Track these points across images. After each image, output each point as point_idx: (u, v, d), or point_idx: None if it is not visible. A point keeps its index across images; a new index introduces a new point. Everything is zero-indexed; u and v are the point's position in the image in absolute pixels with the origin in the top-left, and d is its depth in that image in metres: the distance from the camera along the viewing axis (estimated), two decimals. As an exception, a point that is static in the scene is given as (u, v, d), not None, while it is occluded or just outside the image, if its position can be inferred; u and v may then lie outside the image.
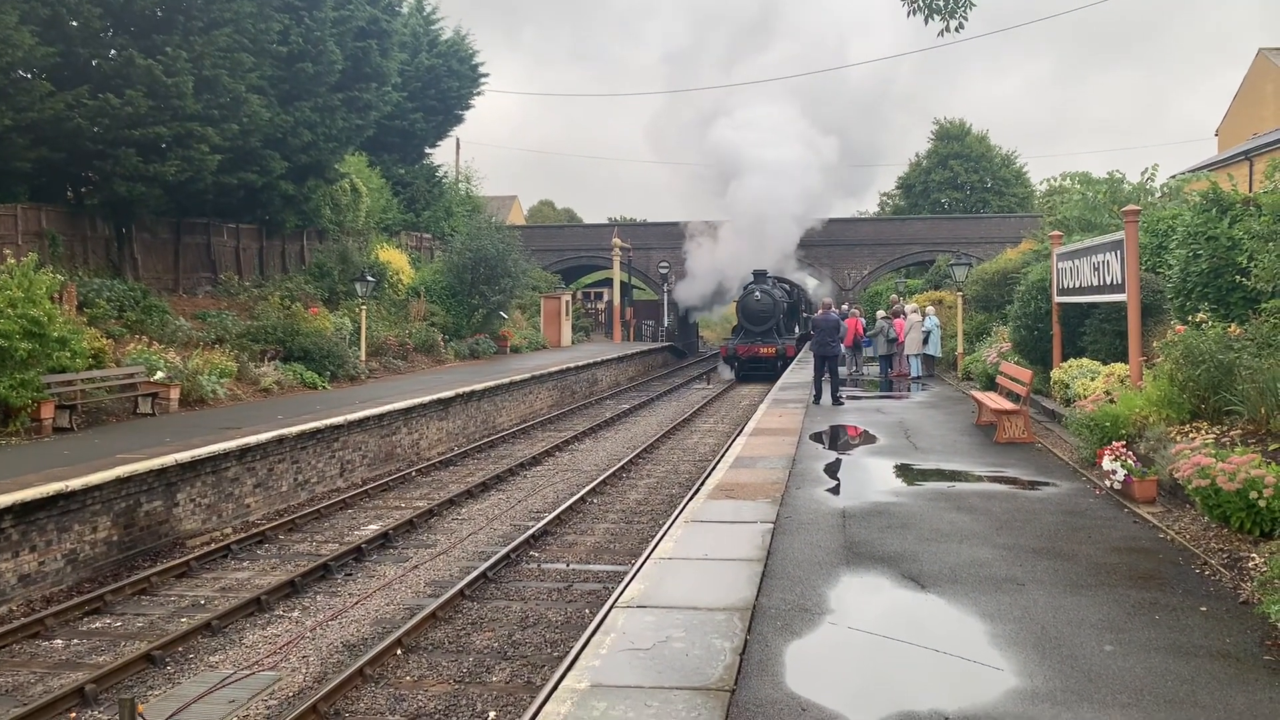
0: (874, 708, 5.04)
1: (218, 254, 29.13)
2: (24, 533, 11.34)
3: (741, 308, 37.95)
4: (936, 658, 5.81)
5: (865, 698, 5.23)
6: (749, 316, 37.32)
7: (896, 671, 5.61)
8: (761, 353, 36.32)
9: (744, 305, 37.76)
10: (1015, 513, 9.47)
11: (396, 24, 33.09)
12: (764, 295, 37.17)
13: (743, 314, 37.73)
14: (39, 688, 8.85)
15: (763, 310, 36.92)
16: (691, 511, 9.56)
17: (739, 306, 38.16)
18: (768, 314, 36.91)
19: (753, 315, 37.22)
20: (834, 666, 5.74)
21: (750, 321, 37.33)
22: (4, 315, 15.11)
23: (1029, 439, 13.80)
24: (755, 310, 37.10)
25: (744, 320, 37.62)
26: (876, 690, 5.34)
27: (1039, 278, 17.49)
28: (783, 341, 36.77)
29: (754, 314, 37.19)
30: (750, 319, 37.33)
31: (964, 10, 8.88)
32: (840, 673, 5.66)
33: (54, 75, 21.00)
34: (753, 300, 37.29)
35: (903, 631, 6.23)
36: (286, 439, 16.34)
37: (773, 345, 36.30)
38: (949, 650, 5.91)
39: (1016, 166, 64.00)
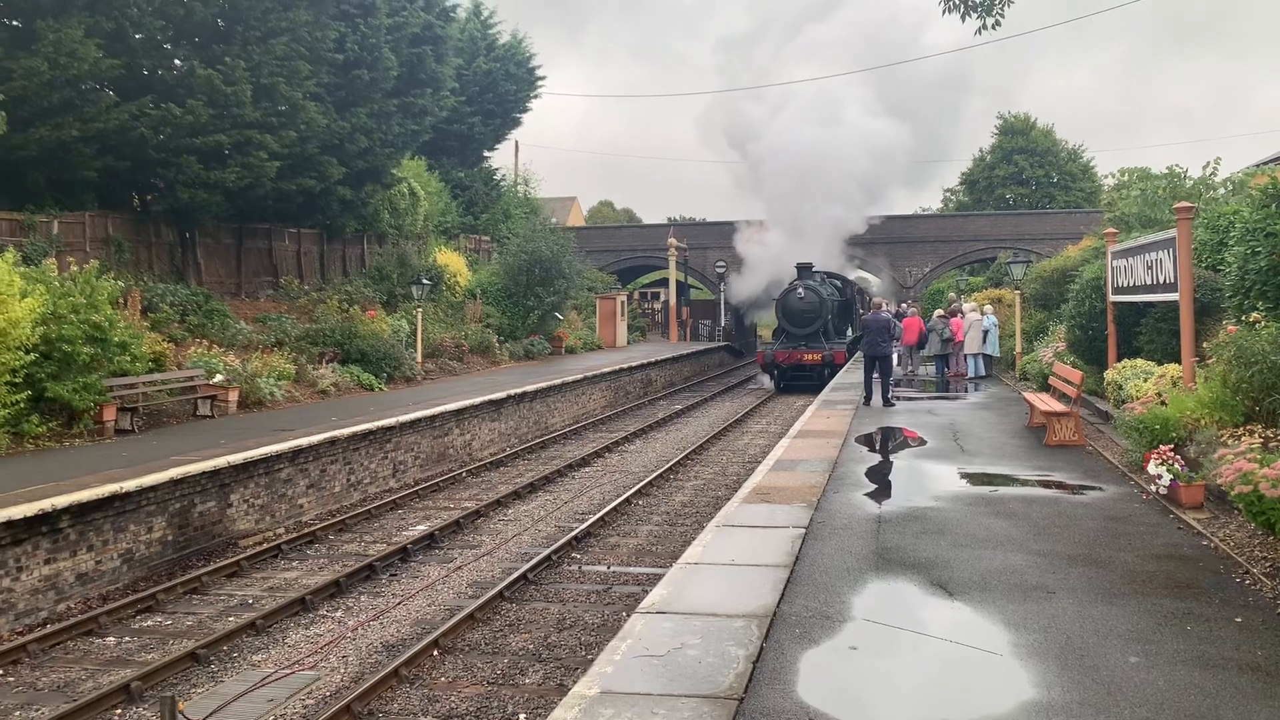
0: (883, 719, 4.99)
1: (279, 258, 29.74)
2: (81, 533, 11.70)
3: (781, 308, 33.47)
4: (953, 667, 5.73)
5: (875, 708, 5.18)
6: (790, 317, 32.96)
7: (911, 681, 5.54)
8: (805, 359, 32.05)
9: (784, 305, 33.30)
10: (1056, 518, 9.29)
11: (451, 30, 33.47)
12: (808, 293, 32.77)
13: (783, 314, 33.36)
14: (89, 684, 9.13)
15: (806, 310, 32.57)
16: (724, 516, 9.53)
17: (779, 306, 33.77)
18: (812, 314, 32.59)
19: (794, 316, 32.84)
20: (848, 676, 5.69)
21: (792, 323, 32.91)
22: (67, 321, 15.59)
23: (1080, 442, 13.52)
24: (797, 310, 32.77)
25: (785, 322, 33.27)
26: (888, 701, 5.28)
27: (1094, 276, 17.12)
28: (831, 346, 32.68)
29: (796, 314, 32.79)
30: (792, 320, 32.92)
31: (1001, 7, 8.72)
32: (853, 682, 5.60)
33: (119, 86, 21.65)
34: (794, 299, 32.97)
35: (922, 639, 6.16)
36: (339, 440, 16.62)
37: (818, 351, 32.12)
38: (968, 660, 5.83)
39: (1084, 161, 62.73)
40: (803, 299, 32.69)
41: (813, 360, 31.96)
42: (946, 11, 8.87)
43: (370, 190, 30.44)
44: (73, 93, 20.40)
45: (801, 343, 32.56)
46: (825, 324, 32.91)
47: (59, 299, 15.78)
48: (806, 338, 32.51)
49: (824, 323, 32.73)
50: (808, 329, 32.53)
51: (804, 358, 32.09)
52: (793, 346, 32.60)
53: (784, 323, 33.25)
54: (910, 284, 50.80)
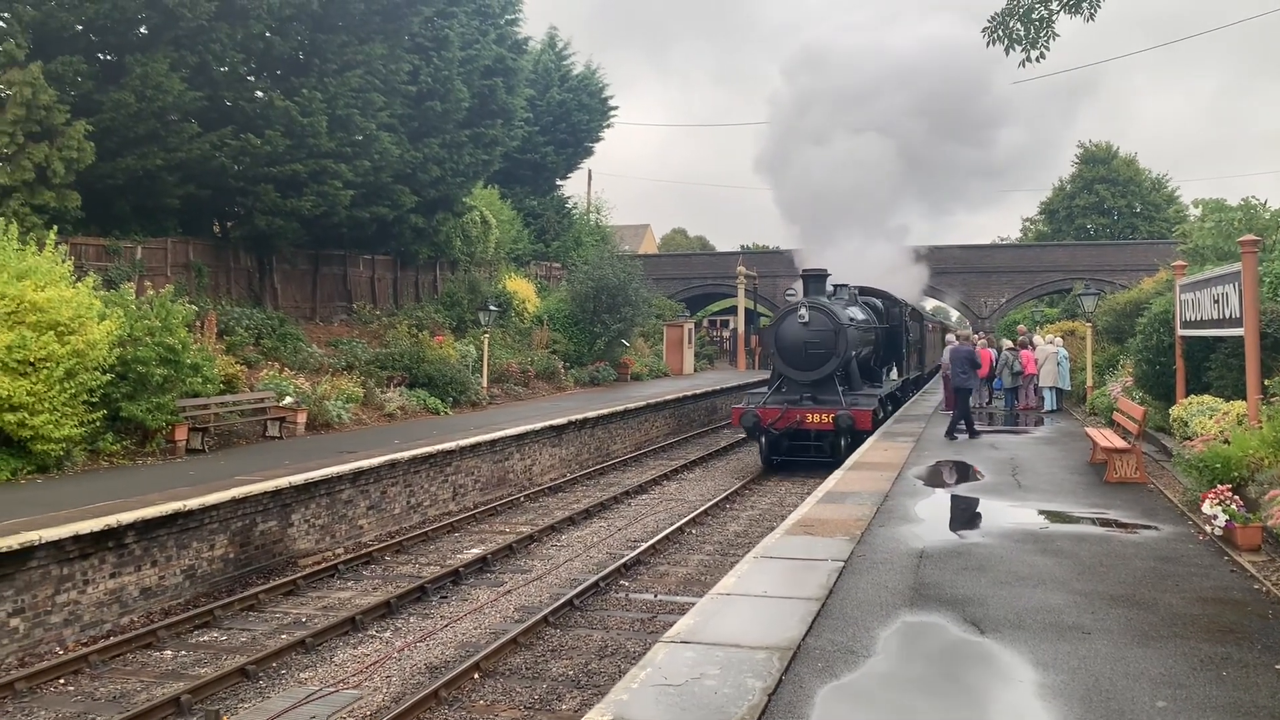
0: (892, 756, 4.95)
1: (353, 284, 30.48)
2: (145, 548, 12.10)
3: (775, 339, 22.21)
4: (972, 705, 5.65)
5: (887, 745, 5.14)
6: (787, 353, 21.93)
7: (925, 717, 5.49)
8: (808, 422, 20.96)
9: (779, 336, 22.09)
10: (1103, 557, 9.08)
11: (523, 62, 34.11)
12: (816, 316, 21.58)
13: (777, 350, 22.18)
14: (142, 695, 9.44)
15: (813, 343, 21.52)
16: (764, 548, 9.51)
17: (772, 338, 22.54)
18: (823, 350, 21.53)
19: (792, 352, 21.78)
20: (863, 710, 5.65)
21: (790, 362, 21.89)
22: (142, 343, 16.19)
23: (1141, 479, 13.18)
24: (796, 343, 21.67)
25: (780, 361, 22.24)
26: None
27: (1162, 309, 16.72)
28: (854, 400, 21.31)
29: (794, 350, 21.73)
30: (789, 358, 21.89)
31: (1045, 40, 8.67)
32: (867, 717, 5.56)
33: (201, 117, 22.47)
34: (793, 326, 21.75)
35: (945, 677, 6.09)
36: (400, 463, 16.94)
37: (830, 408, 20.95)
38: (988, 699, 5.75)
39: (1168, 190, 61.30)
40: (807, 324, 21.40)
41: (819, 424, 20.84)
42: (990, 44, 8.84)
43: (442, 218, 31.07)
44: (158, 124, 21.25)
45: (805, 394, 21.59)
46: (847, 363, 21.86)
47: (135, 322, 16.40)
48: (815, 386, 21.60)
49: (843, 361, 21.60)
50: (815, 372, 21.55)
51: (805, 419, 20.95)
52: (790, 400, 21.59)
53: (778, 362, 22.34)
54: (985, 315, 50.06)
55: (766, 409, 21.44)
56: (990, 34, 8.91)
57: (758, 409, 21.46)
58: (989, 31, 8.93)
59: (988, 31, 8.92)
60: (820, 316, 21.62)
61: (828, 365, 21.50)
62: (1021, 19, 8.77)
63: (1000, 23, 9.25)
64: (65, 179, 19.49)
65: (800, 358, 21.70)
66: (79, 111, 19.95)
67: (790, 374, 21.94)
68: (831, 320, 21.65)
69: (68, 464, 15.10)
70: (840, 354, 21.46)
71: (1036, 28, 8.84)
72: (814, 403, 21.43)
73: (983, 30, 8.94)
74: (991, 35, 8.91)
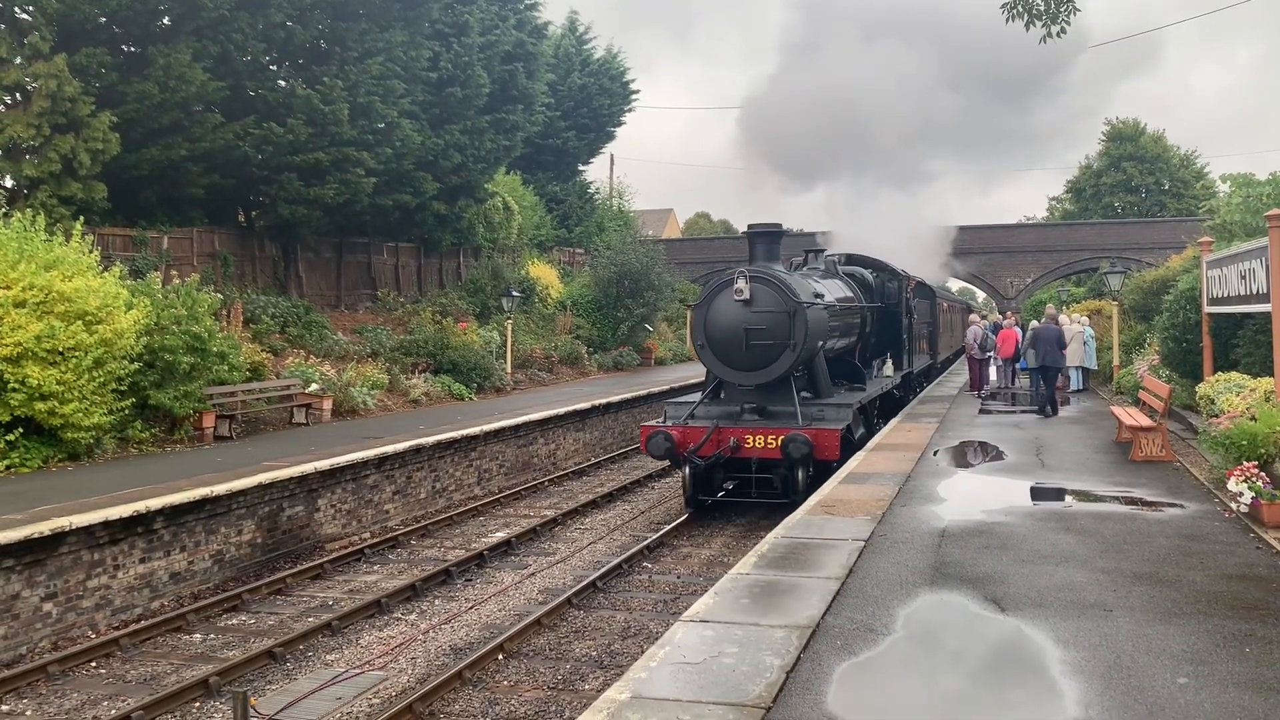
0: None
1: (377, 271, 30.63)
2: (174, 534, 12.27)
3: (704, 324, 15.61)
4: (992, 683, 5.65)
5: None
6: (718, 344, 15.50)
7: (944, 696, 5.49)
8: (748, 446, 14.71)
9: (708, 317, 15.54)
10: (1127, 535, 9.03)
11: (543, 47, 34.08)
12: (761, 290, 15.14)
13: (706, 338, 15.60)
14: (172, 678, 9.59)
15: (756, 328, 15.12)
16: (785, 528, 9.52)
17: (701, 320, 15.73)
18: (772, 338, 15.14)
19: (725, 342, 15.40)
20: (881, 689, 5.66)
21: (725, 357, 15.52)
22: (169, 332, 16.37)
23: (1168, 457, 13.08)
24: (729, 330, 15.28)
25: (710, 353, 15.66)
26: (916, 715, 5.24)
27: (1188, 287, 16.54)
28: (817, 412, 15.28)
29: (727, 338, 15.34)
30: (723, 351, 15.51)
31: (1066, 14, 8.57)
32: (886, 695, 5.57)
33: (224, 107, 22.63)
34: (728, 303, 15.28)
35: (964, 655, 6.08)
36: (424, 448, 17.06)
37: (779, 426, 14.84)
38: (1008, 676, 5.75)
39: (1197, 167, 60.52)
40: (748, 303, 14.98)
41: (762, 450, 14.60)
42: (1010, 19, 8.75)
43: (464, 205, 31.14)
44: (181, 114, 21.41)
45: (748, 404, 15.39)
46: (809, 358, 15.75)
47: (162, 311, 16.58)
48: (762, 393, 15.41)
49: (803, 356, 15.30)
50: (761, 373, 15.26)
51: (745, 440, 14.64)
52: (725, 415, 15.43)
53: (708, 358, 15.71)
54: (1011, 295, 49.68)
55: (688, 428, 14.93)
56: (1009, 9, 8.82)
57: (674, 428, 14.89)
58: (1008, 7, 8.84)
59: (1007, 7, 8.83)
60: (767, 292, 14.87)
61: (779, 362, 14.97)
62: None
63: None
64: (91, 170, 19.69)
65: (738, 352, 15.06)
66: (103, 103, 20.13)
67: (724, 375, 15.51)
68: (783, 296, 14.82)
69: (97, 452, 15.32)
70: (798, 345, 14.82)
71: (1057, 2, 8.74)
72: (759, 417, 15.11)
73: (1002, 6, 8.85)
74: (1011, 10, 8.82)
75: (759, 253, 16.04)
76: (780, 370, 15.17)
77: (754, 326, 15.00)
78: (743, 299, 14.94)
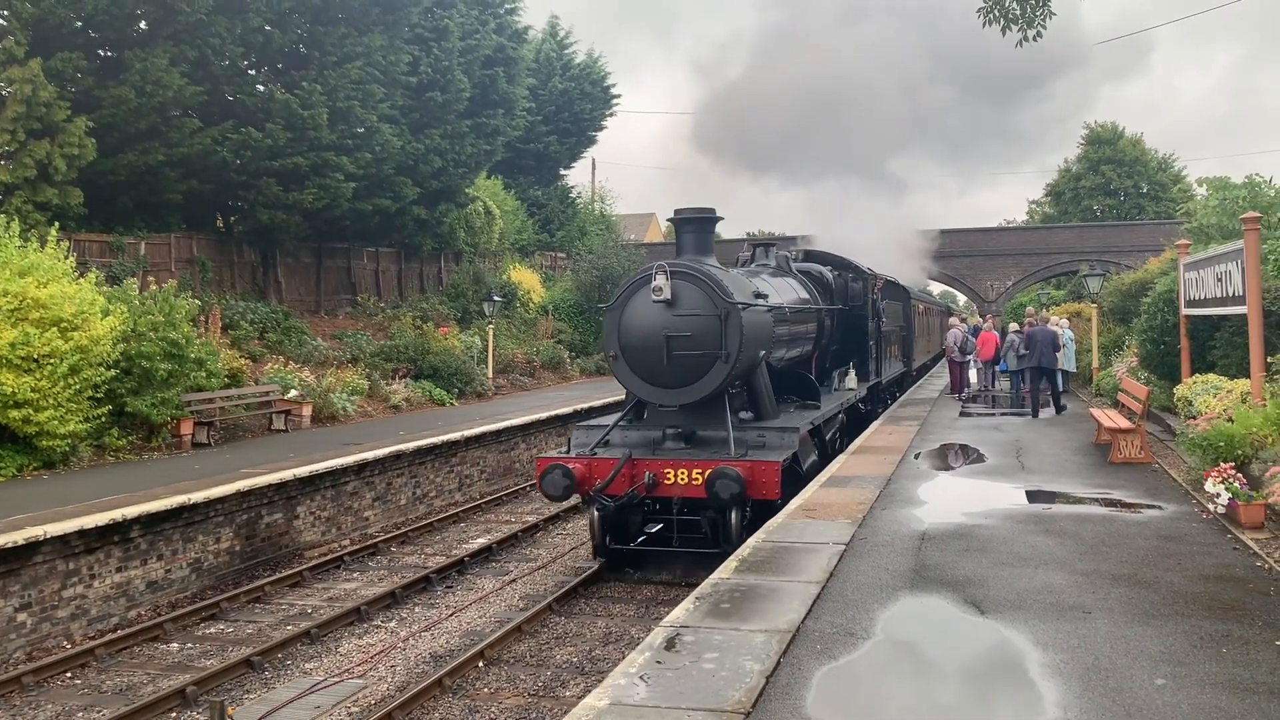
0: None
1: (357, 276, 30.51)
2: (151, 542, 12.16)
3: (617, 331, 12.56)
4: (970, 685, 5.65)
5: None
6: (634, 354, 12.47)
7: (923, 699, 5.48)
8: (666, 481, 11.68)
9: (621, 323, 12.51)
10: (1106, 537, 9.06)
11: (524, 52, 34.06)
12: (686, 288, 12.20)
13: (620, 347, 12.56)
14: (149, 688, 9.49)
15: (679, 335, 12.14)
16: (765, 532, 9.51)
17: (614, 326, 12.63)
18: (700, 347, 12.16)
19: (642, 351, 12.38)
20: (861, 692, 5.65)
21: (643, 371, 12.51)
22: (146, 338, 16.24)
23: (1146, 459, 13.15)
24: (646, 337, 12.29)
25: (624, 365, 12.63)
26: (897, 718, 5.24)
27: (1166, 289, 16.64)
28: (756, 439, 12.35)
29: (644, 347, 12.33)
30: (640, 363, 12.47)
31: (1042, 19, 8.61)
32: (865, 699, 5.56)
33: (201, 112, 22.50)
34: (645, 305, 12.29)
35: (944, 658, 6.08)
36: (404, 454, 16.98)
37: (709, 457, 11.86)
38: (986, 678, 5.75)
39: (1175, 170, 60.99)
40: (671, 305, 12.18)
41: (684, 488, 11.73)
42: (986, 24, 8.78)
43: (445, 210, 31.07)
44: (158, 119, 21.27)
45: (671, 429, 12.56)
46: (748, 371, 12.96)
47: (139, 317, 16.46)
48: (690, 415, 12.56)
49: (740, 369, 12.45)
50: (687, 390, 12.42)
51: (663, 475, 11.77)
52: (645, 442, 12.60)
53: (622, 371, 12.78)
54: (992, 298, 49.92)
55: (595, 459, 11.91)
56: (986, 14, 8.85)
57: (577, 459, 11.91)
58: (984, 11, 8.87)
59: (983, 11, 8.87)
60: (693, 291, 12.09)
61: (709, 377, 12.12)
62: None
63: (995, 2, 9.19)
64: (67, 176, 19.53)
65: (658, 364, 12.16)
66: (79, 108, 19.98)
67: (642, 393, 12.64)
68: (713, 296, 12.04)
69: (73, 460, 15.18)
70: (732, 356, 12.00)
71: (1033, 6, 8.78)
72: (684, 445, 12.23)
73: (978, 10, 8.88)
74: (987, 15, 8.85)
75: (687, 244, 13.04)
76: (710, 387, 12.15)
77: (677, 333, 12.04)
78: (663, 299, 11.98)
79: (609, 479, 11.61)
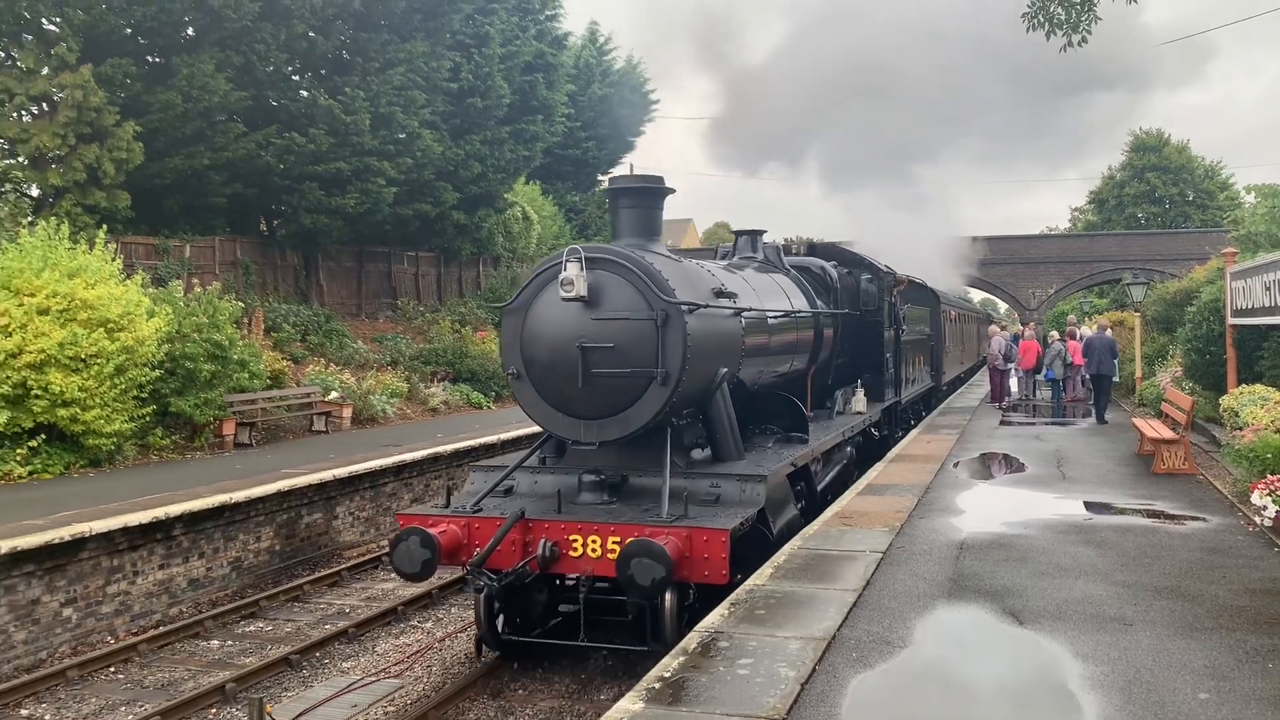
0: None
1: (397, 280, 30.79)
2: (193, 541, 12.34)
3: (519, 339, 9.21)
4: (1008, 696, 5.59)
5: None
6: (538, 370, 9.11)
7: (960, 709, 5.43)
8: (571, 554, 8.31)
9: (525, 329, 9.13)
10: (1149, 548, 8.93)
11: (563, 58, 34.19)
12: (610, 281, 8.83)
13: (523, 360, 9.20)
14: (189, 684, 9.62)
15: (598, 346, 8.72)
16: (801, 540, 9.47)
17: (515, 334, 9.25)
18: (630, 364, 8.74)
19: (550, 367, 9.01)
20: (896, 700, 5.61)
21: (550, 394, 9.13)
22: (190, 339, 16.48)
23: (1190, 470, 12.94)
24: (555, 350, 8.91)
25: (529, 385, 9.23)
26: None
27: (1212, 298, 16.39)
28: (717, 487, 8.97)
29: (553, 362, 8.96)
30: (547, 382, 9.10)
31: (1088, 24, 8.52)
32: (900, 708, 5.52)
33: (246, 117, 22.83)
34: (552, 305, 8.93)
35: (981, 667, 6.03)
36: (442, 457, 17.10)
37: (630, 519, 8.36)
38: (1024, 689, 5.68)
39: (1222, 177, 60.08)
40: (587, 305, 8.78)
41: (597, 563, 8.25)
42: (1031, 29, 8.71)
43: (484, 214, 31.28)
44: (204, 124, 21.61)
45: (591, 478, 9.08)
46: (707, 396, 9.63)
47: (183, 319, 16.72)
48: (620, 455, 9.20)
49: (685, 393, 9.01)
50: (612, 422, 9.01)
51: (568, 544, 8.32)
52: (555, 494, 8.91)
53: (527, 392, 9.32)
54: (1033, 306, 49.39)
55: (476, 519, 8.73)
56: (1030, 19, 8.78)
57: (447, 519, 8.76)
58: (1029, 17, 8.80)
59: (1027, 17, 8.80)
60: (619, 286, 8.91)
61: (642, 405, 8.94)
62: (1061, 2, 8.63)
63: (1040, 7, 9.12)
64: (115, 179, 19.88)
65: (570, 386, 8.92)
66: (128, 113, 20.34)
67: (552, 426, 9.40)
68: (646, 292, 8.84)
69: (118, 458, 15.43)
70: (672, 376, 8.81)
71: (1077, 11, 8.69)
72: (606, 498, 9.03)
73: (1022, 16, 8.82)
74: (1031, 20, 8.78)
75: (625, 222, 9.75)
76: (643, 419, 8.83)
77: (596, 343, 8.66)
78: (575, 297, 8.59)
79: (487, 549, 8.19)
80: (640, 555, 7.69)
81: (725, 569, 8.07)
